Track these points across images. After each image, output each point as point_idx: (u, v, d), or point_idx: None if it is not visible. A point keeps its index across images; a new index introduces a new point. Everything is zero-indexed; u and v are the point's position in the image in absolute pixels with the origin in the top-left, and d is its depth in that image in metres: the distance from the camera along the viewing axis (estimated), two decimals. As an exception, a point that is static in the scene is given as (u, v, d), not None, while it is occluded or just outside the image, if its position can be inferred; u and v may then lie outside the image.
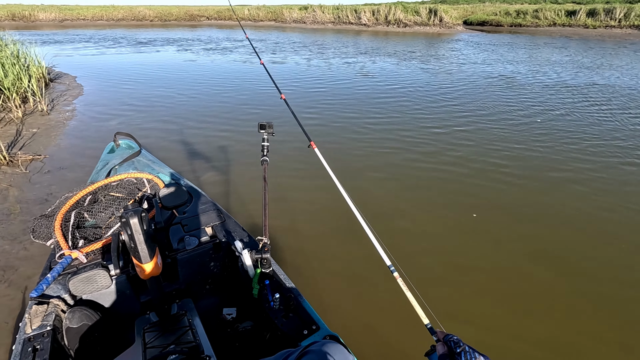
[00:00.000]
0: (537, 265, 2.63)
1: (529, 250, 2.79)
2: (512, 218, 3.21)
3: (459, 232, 3.00)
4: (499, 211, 3.32)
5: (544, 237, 2.94)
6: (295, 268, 2.53)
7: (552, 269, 2.60)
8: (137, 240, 1.27)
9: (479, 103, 6.85)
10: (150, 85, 8.13)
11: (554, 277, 2.52)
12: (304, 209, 3.28)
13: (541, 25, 23.93)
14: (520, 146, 4.78)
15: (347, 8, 27.79)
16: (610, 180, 3.89)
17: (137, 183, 2.25)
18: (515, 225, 3.10)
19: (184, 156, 4.34)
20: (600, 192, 3.66)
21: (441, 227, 3.08)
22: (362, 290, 2.40)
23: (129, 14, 32.43)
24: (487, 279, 2.51)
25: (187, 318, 1.38)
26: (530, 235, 2.97)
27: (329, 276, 2.50)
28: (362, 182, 3.82)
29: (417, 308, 0.97)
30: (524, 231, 3.02)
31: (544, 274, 2.55)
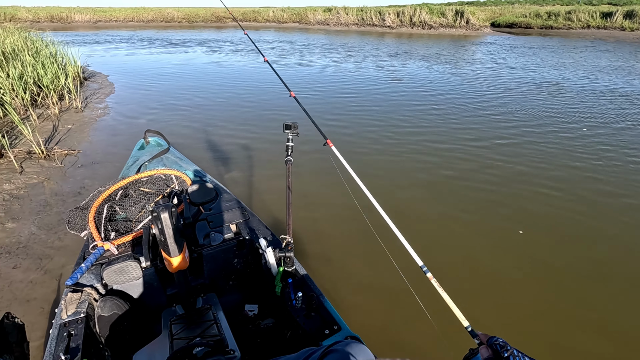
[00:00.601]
0: (585, 288, 2.44)
1: (576, 274, 2.59)
2: (561, 239, 2.96)
3: (502, 249, 2.84)
4: (546, 231, 3.06)
5: (593, 263, 2.71)
6: (317, 267, 2.54)
7: (603, 294, 2.40)
8: (166, 235, 1.31)
9: (523, 113, 6.30)
10: (178, 85, 8.37)
11: (606, 305, 2.31)
12: (327, 209, 3.29)
13: (574, 27, 23.04)
14: (574, 163, 4.31)
15: (371, 10, 27.66)
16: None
17: (165, 179, 2.33)
18: (563, 248, 2.87)
19: (209, 154, 4.45)
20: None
21: (482, 240, 2.93)
22: (385, 293, 2.38)
23: (158, 16, 33.54)
24: (532, 298, 2.35)
25: (211, 312, 1.42)
26: (577, 259, 2.76)
27: (351, 277, 2.50)
28: (398, 192, 3.65)
29: (455, 309, 0.94)
30: (571, 254, 2.80)
31: (595, 299, 2.36)
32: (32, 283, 2.37)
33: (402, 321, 2.17)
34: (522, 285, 2.48)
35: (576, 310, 2.27)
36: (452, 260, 2.68)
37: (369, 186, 1.50)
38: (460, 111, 6.41)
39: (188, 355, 1.10)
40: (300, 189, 3.57)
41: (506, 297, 2.37)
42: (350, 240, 2.89)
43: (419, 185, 3.81)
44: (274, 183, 3.71)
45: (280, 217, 3.02)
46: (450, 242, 2.90)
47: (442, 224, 3.14)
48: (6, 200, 3.31)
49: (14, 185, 3.58)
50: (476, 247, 2.85)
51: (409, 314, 2.22)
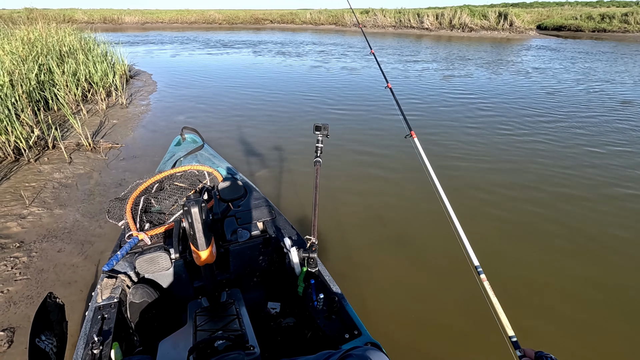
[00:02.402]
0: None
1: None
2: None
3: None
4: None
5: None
6: (340, 270, 2.52)
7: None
8: (196, 228, 1.36)
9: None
10: (216, 85, 8.66)
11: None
12: (354, 213, 3.26)
13: (630, 30, 21.41)
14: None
15: (409, 12, 27.20)
16: None
17: (198, 175, 2.42)
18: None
19: (241, 153, 4.56)
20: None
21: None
22: (408, 301, 2.33)
23: (200, 18, 34.91)
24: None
25: (235, 307, 1.45)
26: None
27: (374, 283, 2.46)
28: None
29: (504, 317, 0.88)
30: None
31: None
32: (73, 266, 2.54)
33: (426, 332, 2.11)
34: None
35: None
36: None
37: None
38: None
39: (210, 347, 1.13)
40: (330, 191, 3.57)
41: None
42: (377, 246, 2.85)
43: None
44: (303, 183, 3.74)
45: (307, 218, 3.04)
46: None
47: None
48: (55, 188, 3.57)
49: (63, 174, 3.85)
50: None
51: (435, 324, 2.15)
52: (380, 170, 4.13)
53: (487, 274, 1.06)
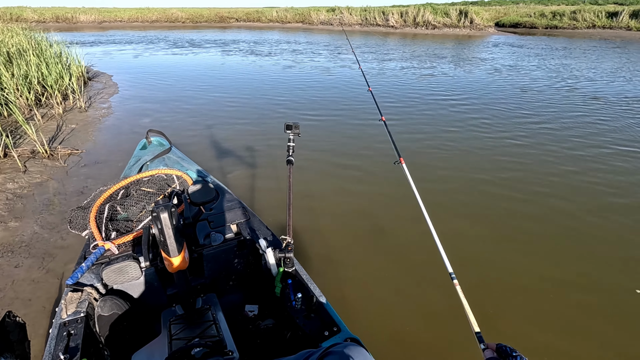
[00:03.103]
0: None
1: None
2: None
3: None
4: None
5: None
6: (317, 269, 2.53)
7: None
8: (166, 234, 1.31)
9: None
10: (181, 85, 8.40)
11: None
12: (329, 211, 3.28)
13: (579, 27, 22.87)
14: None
15: (375, 10, 27.61)
16: None
17: (167, 179, 2.33)
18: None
19: (211, 154, 4.45)
20: None
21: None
22: (385, 295, 2.37)
23: (162, 16, 33.69)
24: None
25: (211, 312, 1.41)
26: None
27: (352, 279, 2.49)
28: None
29: (470, 314, 0.93)
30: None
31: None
32: (34, 282, 2.38)
33: (403, 324, 2.16)
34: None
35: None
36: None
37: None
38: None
39: (186, 355, 1.10)
40: (304, 190, 3.57)
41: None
42: (353, 243, 2.88)
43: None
44: (276, 183, 3.71)
45: (283, 218, 3.02)
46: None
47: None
48: (9, 199, 3.33)
49: (17, 184, 3.60)
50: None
51: (410, 316, 2.21)
52: (356, 171, 4.17)
53: (457, 274, 1.12)
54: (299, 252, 2.65)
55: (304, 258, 2.61)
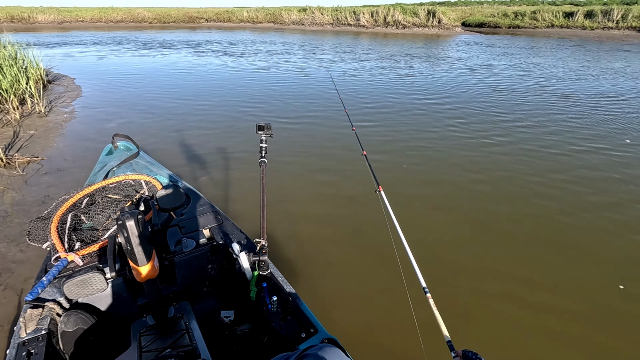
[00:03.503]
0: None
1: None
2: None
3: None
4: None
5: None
6: (294, 271, 2.51)
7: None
8: (133, 243, 1.26)
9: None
10: (150, 88, 8.12)
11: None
12: (304, 213, 3.26)
13: (539, 26, 24.01)
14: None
15: (346, 10, 27.84)
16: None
17: (134, 185, 2.24)
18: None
19: (182, 158, 4.33)
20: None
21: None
22: (361, 294, 2.39)
23: (127, 16, 32.48)
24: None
25: (183, 321, 1.37)
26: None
27: (328, 279, 2.48)
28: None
29: (441, 323, 0.96)
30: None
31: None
32: (-9, 300, 2.22)
33: (379, 322, 2.18)
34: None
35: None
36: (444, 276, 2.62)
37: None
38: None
39: (157, 368, 1.06)
40: (279, 192, 3.53)
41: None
42: (329, 243, 2.88)
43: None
44: (250, 185, 3.65)
45: (257, 221, 2.97)
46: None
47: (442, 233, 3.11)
48: (-38, 212, 3.10)
49: (-30, 196, 3.36)
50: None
51: (387, 315, 2.23)
52: (330, 174, 4.18)
53: (429, 282, 1.14)
54: (274, 254, 2.62)
55: (280, 260, 2.59)
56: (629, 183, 3.84)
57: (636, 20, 21.30)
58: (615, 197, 3.55)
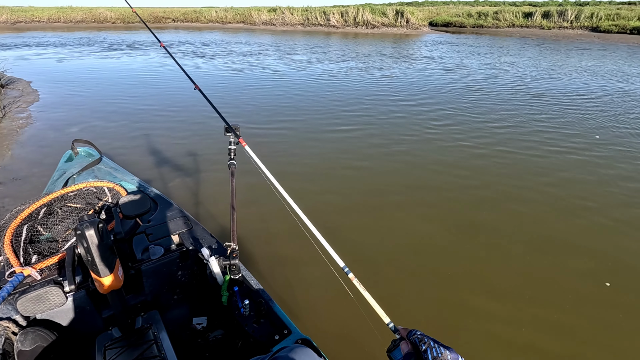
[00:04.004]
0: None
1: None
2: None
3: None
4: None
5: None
6: (266, 273, 2.49)
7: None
8: (94, 253, 1.20)
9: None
10: (112, 91, 7.80)
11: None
12: (275, 214, 3.23)
13: (501, 26, 25.04)
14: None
15: (316, 10, 27.90)
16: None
17: (97, 192, 2.14)
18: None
19: (149, 163, 4.19)
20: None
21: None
22: (334, 292, 2.39)
23: (88, 16, 31.02)
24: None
25: (152, 331, 1.32)
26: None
27: (300, 279, 2.48)
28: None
29: (377, 307, 0.96)
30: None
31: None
32: (-60, 322, 2.05)
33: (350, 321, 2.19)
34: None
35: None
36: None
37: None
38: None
39: (123, 382, 1.01)
40: (249, 194, 3.49)
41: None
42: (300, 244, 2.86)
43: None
44: (220, 188, 3.58)
45: (228, 224, 2.92)
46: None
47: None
48: None
49: None
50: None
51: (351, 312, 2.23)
52: (301, 174, 4.17)
53: (356, 270, 1.14)
54: (245, 257, 2.59)
55: (252, 263, 2.56)
56: (607, 184, 3.84)
57: (588, 21, 22.68)
58: (592, 197, 3.57)
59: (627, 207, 3.40)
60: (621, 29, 20.98)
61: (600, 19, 22.40)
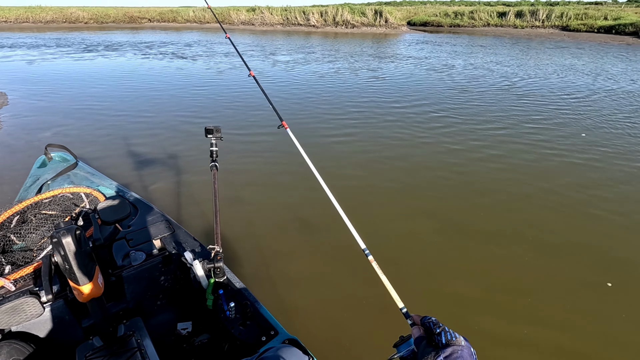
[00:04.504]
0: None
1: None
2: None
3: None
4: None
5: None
6: (251, 274, 2.48)
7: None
8: (71, 261, 1.17)
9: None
10: (85, 94, 7.55)
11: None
12: (259, 214, 3.22)
13: (477, 25, 25.67)
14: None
15: (295, 10, 27.84)
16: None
17: (73, 198, 2.08)
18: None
19: (128, 167, 4.08)
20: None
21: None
22: (320, 289, 2.41)
23: (59, 16, 29.91)
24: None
25: (135, 339, 1.29)
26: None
27: (286, 279, 2.48)
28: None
29: (393, 292, 0.93)
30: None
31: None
32: None
33: (339, 315, 2.21)
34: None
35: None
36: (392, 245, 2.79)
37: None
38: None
39: (105, 391, 0.99)
40: (232, 195, 3.46)
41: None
42: (285, 243, 2.87)
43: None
44: (203, 191, 3.53)
45: (212, 227, 2.89)
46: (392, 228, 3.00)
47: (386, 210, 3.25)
48: None
49: None
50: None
51: (346, 310, 2.26)
52: (283, 174, 4.16)
53: (373, 254, 1.12)
54: (230, 260, 2.57)
55: (237, 265, 2.54)
56: (602, 186, 3.83)
57: (558, 20, 23.54)
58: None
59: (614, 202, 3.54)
60: (589, 28, 21.90)
61: (570, 19, 23.30)
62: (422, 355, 0.67)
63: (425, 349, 0.67)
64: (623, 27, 20.68)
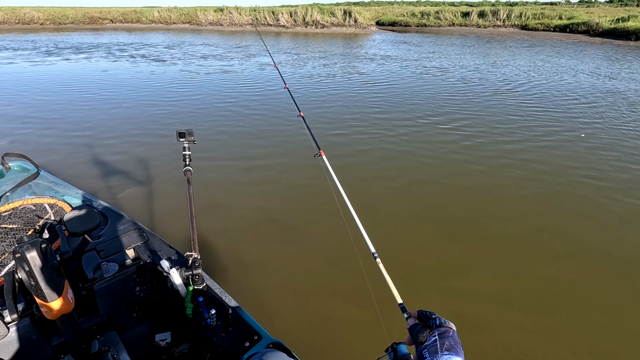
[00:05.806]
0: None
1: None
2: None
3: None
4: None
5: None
6: (232, 279, 2.44)
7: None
8: (37, 277, 1.10)
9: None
10: (46, 98, 7.14)
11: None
12: (236, 217, 3.17)
13: (442, 25, 26.47)
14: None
15: (264, 10, 27.60)
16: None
17: (36, 210, 1.97)
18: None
19: (96, 174, 3.90)
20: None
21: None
22: (303, 290, 2.40)
23: (11, 17, 28.07)
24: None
25: (111, 354, 1.24)
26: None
27: (268, 281, 2.46)
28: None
29: (392, 287, 0.95)
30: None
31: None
32: None
33: (322, 319, 2.21)
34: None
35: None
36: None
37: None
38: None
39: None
40: (207, 199, 3.38)
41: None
42: (265, 244, 2.84)
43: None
44: (177, 196, 3.43)
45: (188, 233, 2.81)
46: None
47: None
48: None
49: None
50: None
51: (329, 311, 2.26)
52: (260, 172, 4.12)
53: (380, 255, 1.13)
54: (209, 266, 2.51)
55: (217, 271, 2.48)
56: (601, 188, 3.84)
57: (517, 19, 24.71)
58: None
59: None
60: (546, 27, 23.12)
61: (528, 18, 24.50)
62: (417, 335, 0.71)
63: (421, 330, 0.72)
64: (576, 25, 21.99)
